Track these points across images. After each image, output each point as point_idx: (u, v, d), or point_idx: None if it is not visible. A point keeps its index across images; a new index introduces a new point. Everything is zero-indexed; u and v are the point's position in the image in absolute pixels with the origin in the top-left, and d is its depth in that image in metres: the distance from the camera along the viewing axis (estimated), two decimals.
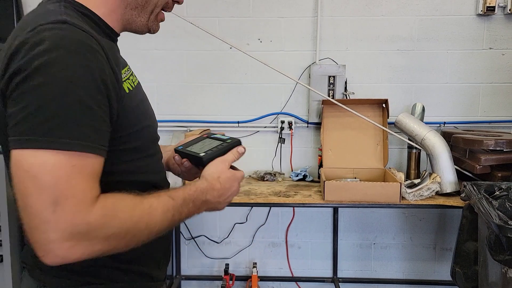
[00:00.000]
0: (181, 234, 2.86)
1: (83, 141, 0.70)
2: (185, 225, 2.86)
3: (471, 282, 2.06)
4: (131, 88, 0.88)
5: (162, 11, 0.97)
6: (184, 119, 2.77)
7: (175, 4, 1.00)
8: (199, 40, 2.67)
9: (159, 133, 1.06)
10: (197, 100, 2.78)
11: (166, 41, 2.73)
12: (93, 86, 0.72)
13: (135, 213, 0.76)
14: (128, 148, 0.86)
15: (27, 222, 0.69)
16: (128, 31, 0.97)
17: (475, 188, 1.94)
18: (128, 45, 2.72)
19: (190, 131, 2.68)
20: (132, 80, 0.91)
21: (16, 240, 2.36)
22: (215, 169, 0.96)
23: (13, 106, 0.70)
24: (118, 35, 0.93)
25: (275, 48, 2.71)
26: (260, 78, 2.72)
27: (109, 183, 0.77)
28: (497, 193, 1.95)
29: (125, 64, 0.93)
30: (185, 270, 2.92)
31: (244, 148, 1.04)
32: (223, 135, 1.11)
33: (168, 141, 2.65)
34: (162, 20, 0.99)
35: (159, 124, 1.06)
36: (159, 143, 1.07)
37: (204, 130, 2.63)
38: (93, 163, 0.72)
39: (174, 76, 2.76)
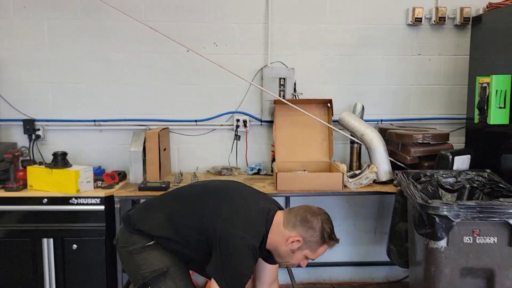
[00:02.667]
0: None
1: None
2: None
3: (403, 258, 2.37)
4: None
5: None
6: (144, 118, 2.89)
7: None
8: (158, 43, 2.80)
9: (119, 132, 1.25)
10: (156, 100, 2.91)
11: (126, 44, 2.84)
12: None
13: None
14: None
15: None
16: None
17: (404, 175, 2.25)
18: (90, 47, 2.85)
19: (150, 129, 2.79)
20: None
21: None
22: None
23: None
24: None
25: (229, 51, 2.90)
26: (216, 79, 2.89)
27: None
28: (423, 179, 2.28)
29: None
30: None
31: None
32: None
33: (128, 139, 2.73)
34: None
35: (119, 123, 1.21)
36: None
37: (164, 129, 2.78)
38: None
39: (134, 77, 2.88)
